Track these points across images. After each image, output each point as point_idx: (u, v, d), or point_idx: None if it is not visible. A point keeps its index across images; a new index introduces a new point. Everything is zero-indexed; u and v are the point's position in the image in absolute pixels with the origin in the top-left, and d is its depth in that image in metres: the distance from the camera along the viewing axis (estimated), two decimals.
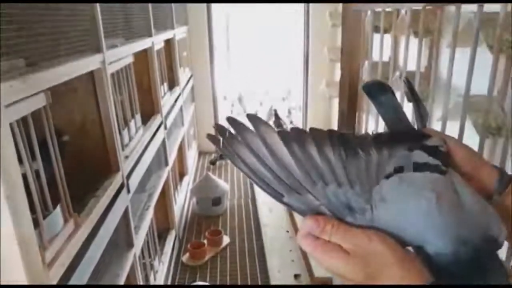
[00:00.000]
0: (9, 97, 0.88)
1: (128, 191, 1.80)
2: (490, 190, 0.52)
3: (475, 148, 1.74)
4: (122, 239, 1.77)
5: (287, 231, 3.35)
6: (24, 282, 0.83)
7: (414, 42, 1.71)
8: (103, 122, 1.59)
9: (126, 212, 1.77)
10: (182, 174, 3.92)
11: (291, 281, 2.73)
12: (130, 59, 2.01)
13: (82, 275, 1.23)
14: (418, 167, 0.46)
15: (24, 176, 0.97)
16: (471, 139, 1.53)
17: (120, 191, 1.67)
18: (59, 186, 1.16)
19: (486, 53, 1.44)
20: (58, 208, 1.14)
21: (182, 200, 3.60)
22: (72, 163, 1.47)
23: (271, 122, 5.18)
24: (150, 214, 2.25)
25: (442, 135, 0.54)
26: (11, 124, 0.89)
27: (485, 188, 0.52)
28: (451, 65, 1.29)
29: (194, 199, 3.78)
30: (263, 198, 3.91)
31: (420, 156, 0.47)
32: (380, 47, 1.83)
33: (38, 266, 0.90)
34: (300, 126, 5.60)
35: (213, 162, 4.86)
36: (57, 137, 1.39)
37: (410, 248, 0.45)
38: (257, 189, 4.10)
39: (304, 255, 2.76)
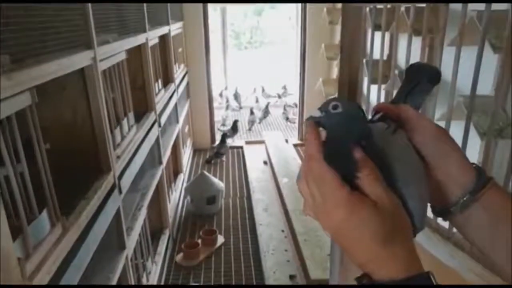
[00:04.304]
0: None
1: (120, 192, 1.74)
2: (459, 187, 0.48)
3: (476, 150, 1.70)
4: (113, 241, 1.72)
5: (283, 231, 3.31)
6: None
7: (413, 40, 1.67)
8: (94, 121, 1.54)
9: (117, 213, 1.72)
10: (176, 172, 3.86)
11: (287, 282, 2.69)
12: (123, 56, 1.95)
13: (70, 281, 1.18)
14: None
15: (8, 180, 0.92)
16: (471, 140, 1.50)
17: (111, 192, 1.62)
18: (46, 189, 1.11)
19: (487, 52, 1.40)
20: (45, 212, 1.09)
21: (177, 199, 3.55)
22: (62, 164, 1.41)
23: (256, 124, 5.12)
24: (143, 214, 2.19)
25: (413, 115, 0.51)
26: None
27: (451, 183, 0.48)
28: (457, 65, 1.24)
29: (188, 197, 3.73)
30: (258, 197, 3.87)
31: None
32: (381, 45, 1.78)
33: (17, 280, 0.85)
34: (297, 123, 5.56)
35: (208, 160, 4.81)
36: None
37: None
38: (252, 188, 4.05)
39: (300, 256, 2.72)
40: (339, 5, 4.12)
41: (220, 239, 3.19)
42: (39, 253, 1.00)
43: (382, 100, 2.30)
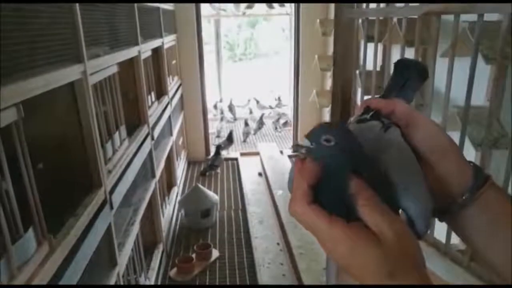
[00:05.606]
0: None
1: (111, 207, 1.71)
2: (457, 186, 0.46)
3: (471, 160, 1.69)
4: (104, 258, 1.68)
5: (278, 243, 3.27)
6: None
7: (406, 51, 1.67)
8: (84, 136, 1.51)
9: (109, 230, 1.68)
10: (170, 185, 3.82)
11: None
12: (114, 69, 1.93)
13: None
14: None
15: None
16: (466, 151, 1.49)
17: (102, 208, 1.58)
18: (32, 207, 1.07)
19: (479, 63, 1.40)
20: (30, 230, 1.05)
21: (170, 212, 3.50)
22: (51, 179, 1.38)
23: (249, 135, 5.08)
24: (135, 229, 2.15)
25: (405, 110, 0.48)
26: None
27: (448, 181, 0.45)
28: (450, 75, 1.23)
29: (182, 211, 3.68)
30: (253, 209, 3.83)
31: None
32: (374, 56, 1.78)
33: None
34: (291, 135, 5.55)
35: (203, 173, 4.77)
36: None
37: None
38: (247, 200, 4.02)
39: (296, 270, 2.68)
40: (332, 16, 4.14)
41: (215, 253, 3.14)
42: (24, 274, 0.96)
43: None
